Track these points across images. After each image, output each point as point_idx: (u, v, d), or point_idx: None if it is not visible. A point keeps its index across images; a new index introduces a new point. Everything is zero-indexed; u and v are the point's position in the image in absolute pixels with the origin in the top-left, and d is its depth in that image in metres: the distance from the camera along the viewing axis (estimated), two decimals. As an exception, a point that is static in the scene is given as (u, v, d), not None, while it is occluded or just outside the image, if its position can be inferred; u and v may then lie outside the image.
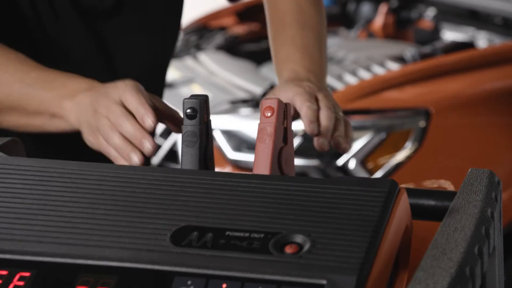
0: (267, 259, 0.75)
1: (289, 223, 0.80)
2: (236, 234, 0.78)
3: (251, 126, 2.16)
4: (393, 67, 2.44)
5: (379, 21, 3.42)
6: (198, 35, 3.21)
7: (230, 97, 2.37)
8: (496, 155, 2.14)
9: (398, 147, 2.05)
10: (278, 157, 0.98)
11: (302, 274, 0.73)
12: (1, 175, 0.86)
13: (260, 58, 3.23)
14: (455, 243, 0.77)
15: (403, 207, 0.86)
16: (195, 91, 2.49)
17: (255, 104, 2.31)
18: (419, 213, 0.96)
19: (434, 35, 3.25)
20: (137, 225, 0.79)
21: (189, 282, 0.73)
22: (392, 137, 2.05)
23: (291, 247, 0.77)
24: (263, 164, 0.96)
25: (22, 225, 0.79)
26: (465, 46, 2.75)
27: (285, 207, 0.83)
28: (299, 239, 0.78)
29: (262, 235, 0.78)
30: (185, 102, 0.97)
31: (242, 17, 3.42)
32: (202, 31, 3.27)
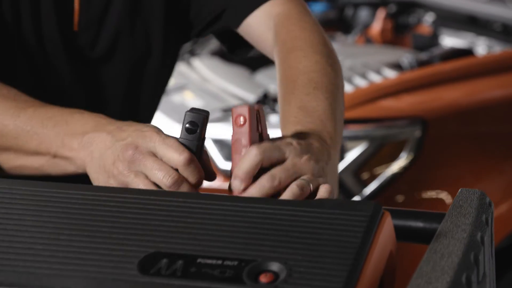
0: (240, 290, 0.70)
1: (265, 249, 0.75)
2: (208, 261, 0.74)
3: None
4: (390, 74, 2.39)
5: (377, 26, 3.38)
6: (192, 40, 3.17)
7: (222, 104, 2.33)
8: (495, 165, 2.09)
9: (393, 157, 2.00)
10: None
11: (276, 306, 0.69)
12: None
13: (255, 64, 3.18)
14: (442, 271, 0.72)
15: (387, 231, 0.81)
16: (187, 98, 2.44)
17: (248, 112, 2.27)
18: (406, 235, 0.92)
19: (432, 40, 3.21)
20: (103, 251, 0.75)
21: (156, 315, 0.69)
22: (387, 147, 2.00)
23: (266, 276, 0.72)
24: None
25: (-21, 251, 0.75)
26: (464, 53, 2.70)
27: (261, 232, 0.78)
28: (275, 267, 0.73)
29: (235, 262, 0.73)
30: (187, 115, 0.91)
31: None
32: (196, 36, 3.22)
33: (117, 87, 1.24)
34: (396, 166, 2.00)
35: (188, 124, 0.92)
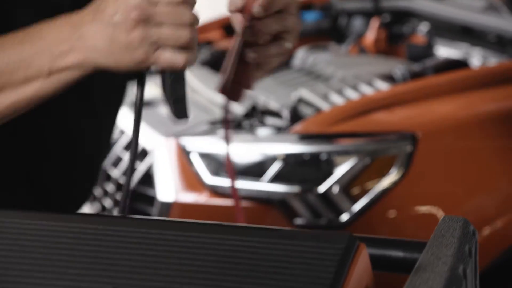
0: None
1: (231, 286, 0.70)
2: (169, 299, 0.69)
3: (232, 148, 2.06)
4: (382, 86, 2.34)
5: (370, 35, 3.33)
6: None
7: (210, 117, 2.28)
8: (491, 179, 2.03)
9: (383, 172, 1.95)
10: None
11: None
12: None
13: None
14: (420, 309, 0.67)
15: (362, 264, 0.76)
16: (175, 111, 2.39)
17: (236, 124, 2.22)
18: (386, 265, 0.87)
19: (427, 50, 3.16)
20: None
21: None
22: (377, 162, 1.96)
23: (231, 315, 0.68)
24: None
25: None
26: (458, 64, 2.65)
27: (227, 266, 0.73)
28: (240, 305, 0.68)
29: (198, 300, 0.68)
30: None
31: (229, 31, 3.33)
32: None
33: (68, 124, 1.20)
34: (386, 181, 1.95)
35: None
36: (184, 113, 1.03)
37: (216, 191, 2.03)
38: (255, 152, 2.03)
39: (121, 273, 0.71)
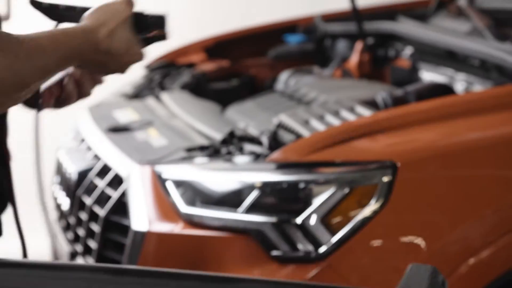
0: None
1: None
2: None
3: (207, 176, 2.01)
4: (364, 112, 2.29)
5: (354, 59, 3.29)
6: (163, 72, 3.07)
7: (187, 143, 2.23)
8: (476, 209, 1.98)
9: (363, 202, 1.90)
10: None
11: None
12: None
13: (228, 97, 3.09)
14: None
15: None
16: (151, 135, 2.34)
17: (213, 151, 2.17)
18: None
19: (411, 74, 3.12)
20: None
21: None
22: (356, 192, 1.90)
23: None
24: None
25: None
26: (441, 88, 2.61)
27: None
28: None
29: None
30: None
31: (211, 53, 3.29)
32: (168, 68, 3.13)
33: None
34: (366, 211, 1.90)
35: None
36: None
37: (191, 221, 1.97)
38: (231, 180, 1.97)
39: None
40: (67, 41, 1.31)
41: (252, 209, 1.92)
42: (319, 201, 1.89)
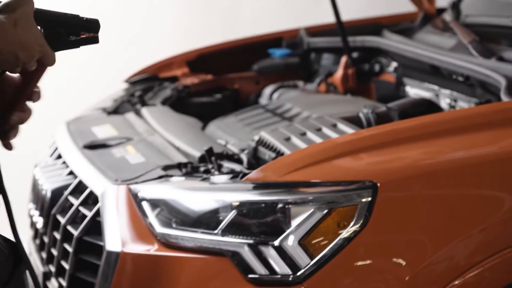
0: None
1: None
2: None
3: (183, 196, 1.96)
4: (346, 130, 2.25)
5: (339, 73, 3.26)
6: (144, 87, 3.03)
7: (165, 161, 2.18)
8: (460, 228, 1.92)
9: (342, 223, 1.85)
10: None
11: None
12: None
13: (211, 111, 3.05)
14: None
15: None
16: (129, 152, 2.29)
17: (191, 169, 2.12)
18: None
19: (396, 89, 3.09)
20: None
21: None
22: (335, 213, 1.85)
23: None
24: None
25: None
26: (425, 105, 2.57)
27: None
28: None
29: None
30: None
31: (193, 67, 3.24)
32: (149, 82, 3.08)
33: None
34: (345, 233, 1.85)
35: None
36: None
37: (167, 242, 1.92)
38: (207, 200, 1.92)
39: None
40: None
41: (228, 230, 1.86)
42: (297, 222, 1.84)
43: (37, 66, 1.49)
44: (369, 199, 1.85)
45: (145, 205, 1.98)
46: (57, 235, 2.19)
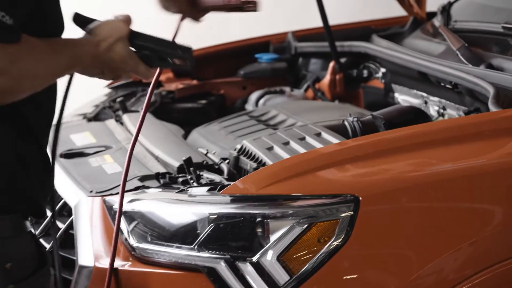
0: None
1: None
2: None
3: (159, 208, 1.89)
4: (330, 139, 2.18)
5: (327, 79, 3.19)
6: (127, 92, 2.96)
7: (142, 171, 2.11)
8: (447, 242, 1.85)
9: (323, 239, 1.78)
10: None
11: None
12: None
13: (195, 117, 2.99)
14: None
15: None
16: (106, 161, 2.22)
17: (169, 180, 2.05)
18: None
19: (384, 95, 3.03)
20: None
21: None
22: (315, 228, 1.79)
23: None
24: None
25: None
26: (412, 112, 2.50)
27: None
28: None
29: None
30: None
31: (177, 73, 3.17)
32: (132, 87, 3.02)
33: None
34: (325, 247, 1.78)
35: None
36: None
37: (142, 257, 1.85)
38: (184, 213, 1.85)
39: None
40: (72, 50, 1.57)
41: (205, 244, 1.80)
42: (276, 237, 1.78)
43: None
44: (351, 213, 1.79)
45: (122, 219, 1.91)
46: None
